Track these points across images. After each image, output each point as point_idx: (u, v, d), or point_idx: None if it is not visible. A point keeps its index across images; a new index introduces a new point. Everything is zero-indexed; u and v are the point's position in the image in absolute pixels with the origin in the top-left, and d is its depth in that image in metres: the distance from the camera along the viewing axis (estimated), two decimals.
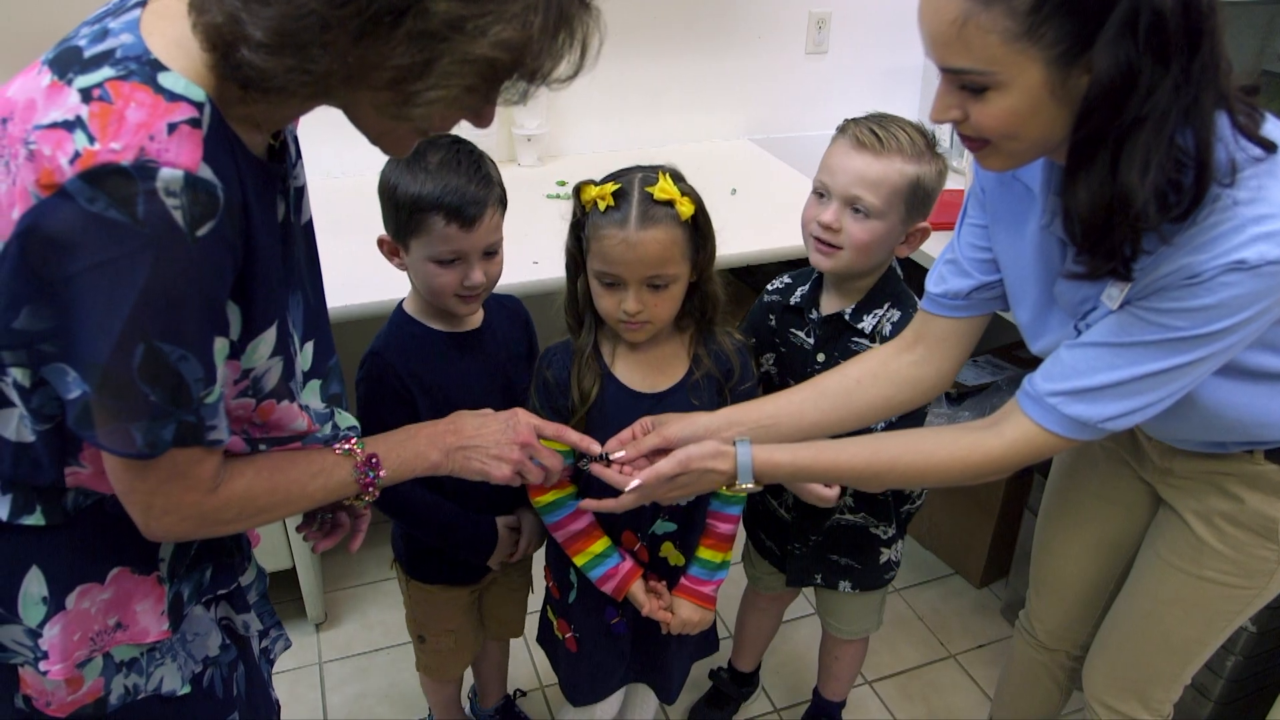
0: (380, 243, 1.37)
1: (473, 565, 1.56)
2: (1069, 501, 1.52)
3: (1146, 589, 1.39)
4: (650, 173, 1.26)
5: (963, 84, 0.96)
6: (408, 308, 1.45)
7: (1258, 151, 0.96)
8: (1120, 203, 0.94)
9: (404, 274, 1.41)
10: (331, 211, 2.13)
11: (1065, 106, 0.94)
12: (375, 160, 1.16)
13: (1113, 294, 1.06)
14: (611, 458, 1.24)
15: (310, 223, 1.07)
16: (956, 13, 0.90)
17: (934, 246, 1.48)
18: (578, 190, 1.28)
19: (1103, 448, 1.43)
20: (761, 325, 1.52)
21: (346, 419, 1.11)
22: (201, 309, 0.83)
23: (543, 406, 1.37)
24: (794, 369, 1.49)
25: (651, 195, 1.23)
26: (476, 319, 1.46)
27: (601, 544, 1.42)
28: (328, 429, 1.07)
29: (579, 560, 1.42)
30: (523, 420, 1.20)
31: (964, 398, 2.28)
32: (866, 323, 1.44)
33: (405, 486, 1.37)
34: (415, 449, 1.12)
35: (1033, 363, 2.48)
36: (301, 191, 1.03)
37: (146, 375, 0.80)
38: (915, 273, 1.50)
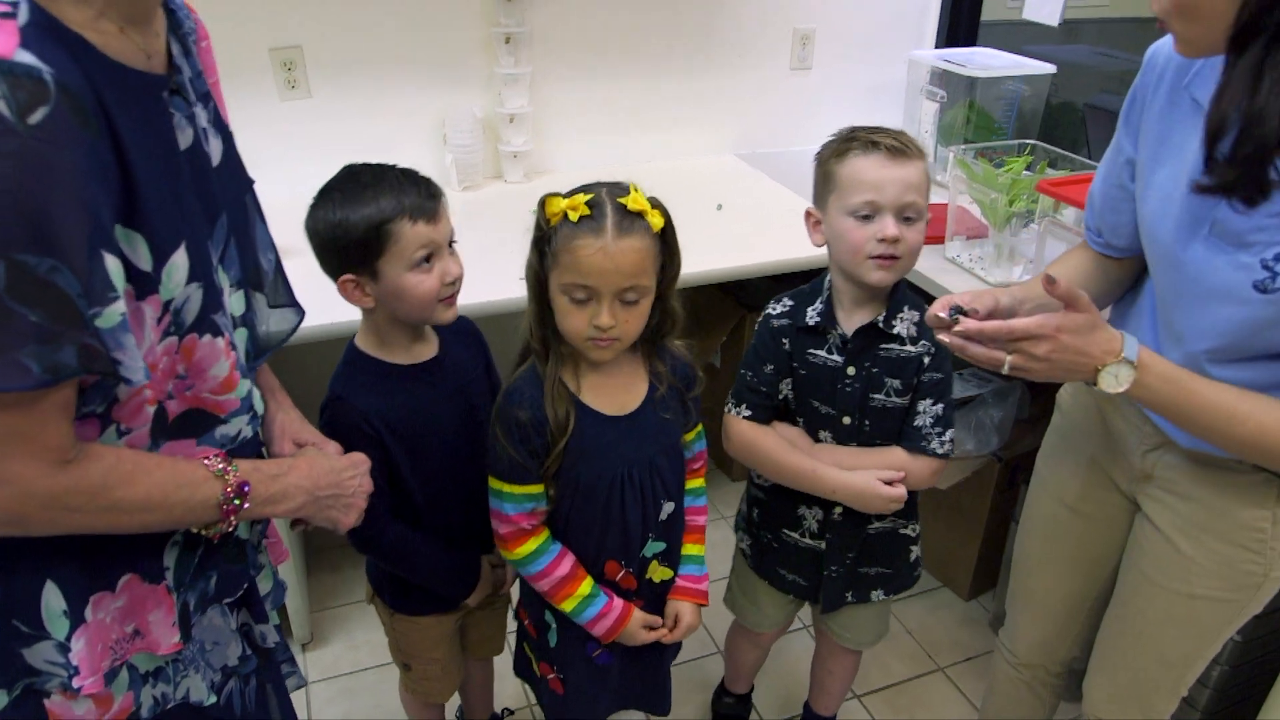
0: (343, 285, 1.31)
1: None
2: (1046, 517, 1.52)
3: (1136, 610, 1.39)
4: (615, 186, 1.25)
5: None
6: (361, 345, 1.40)
7: None
8: (1250, 117, 0.94)
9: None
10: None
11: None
12: None
13: None
14: (966, 309, 1.14)
15: (241, 172, 1.05)
16: None
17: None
18: (542, 203, 1.25)
19: (1082, 455, 1.44)
20: (775, 351, 1.47)
21: (259, 402, 1.07)
22: (66, 212, 0.76)
23: (515, 448, 1.29)
24: (820, 390, 1.47)
25: (625, 206, 1.22)
26: (433, 347, 1.43)
27: (587, 585, 1.38)
28: (247, 390, 1.02)
29: (567, 606, 1.38)
30: (365, 467, 1.20)
31: None
32: (899, 327, 1.44)
33: (387, 525, 1.40)
34: (285, 487, 1.06)
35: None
36: (225, 135, 1.02)
37: (16, 294, 0.74)
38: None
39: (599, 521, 1.36)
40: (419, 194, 1.28)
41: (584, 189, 1.25)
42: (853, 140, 1.38)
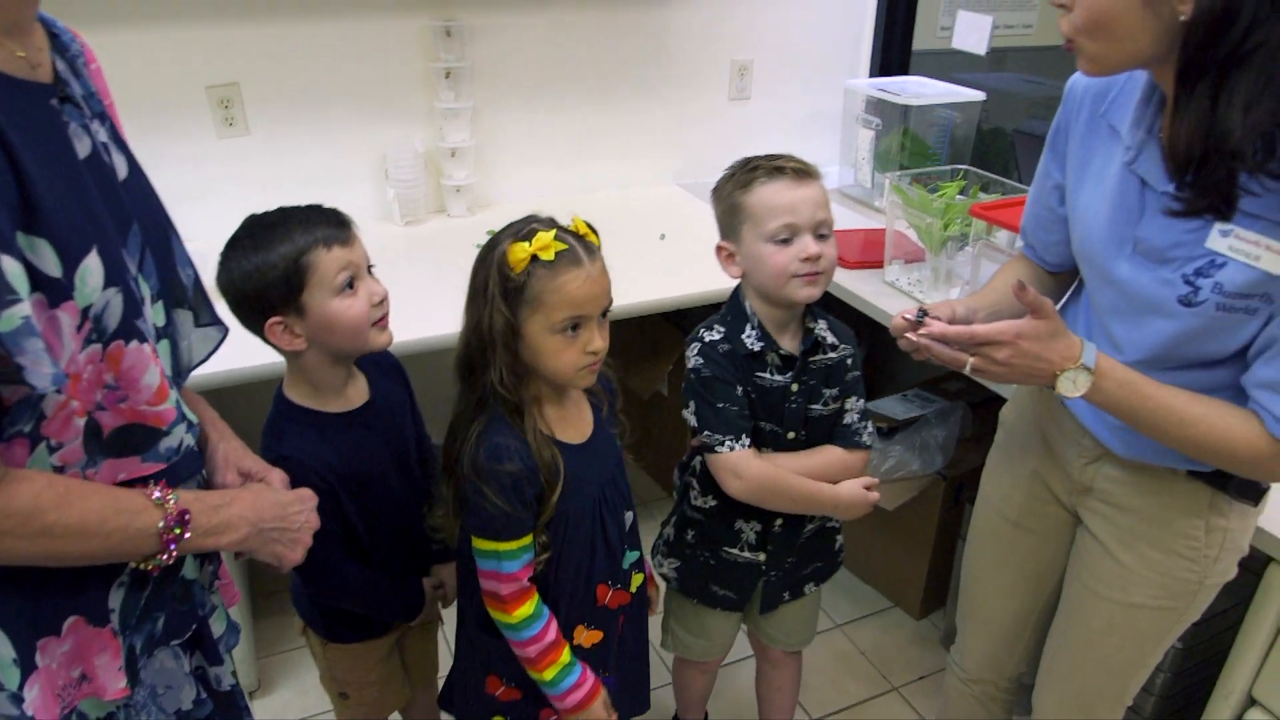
0: (271, 330, 1.29)
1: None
2: (991, 533, 1.56)
3: (1080, 621, 1.42)
4: (550, 221, 1.27)
5: None
6: (293, 396, 1.38)
7: None
8: (1218, 138, 0.98)
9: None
10: None
11: (1154, 19, 1.01)
12: None
13: (1219, 239, 1.07)
14: (930, 315, 1.21)
15: (151, 190, 1.04)
16: None
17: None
18: (504, 256, 1.22)
19: (1024, 470, 1.47)
20: (735, 373, 1.47)
21: (190, 412, 1.05)
22: None
23: (511, 503, 1.26)
24: (770, 410, 1.49)
25: (578, 233, 1.26)
26: (364, 390, 1.43)
27: (567, 653, 1.36)
28: (176, 399, 1.00)
29: (548, 674, 1.35)
30: (311, 503, 1.19)
31: (894, 432, 2.32)
32: (831, 336, 1.50)
33: (329, 556, 1.37)
34: (228, 518, 1.04)
35: (959, 394, 2.53)
36: (129, 155, 1.01)
37: None
38: None
39: (588, 549, 1.37)
40: (328, 223, 1.29)
41: (523, 231, 1.24)
42: (755, 170, 1.41)
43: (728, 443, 1.44)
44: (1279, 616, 1.38)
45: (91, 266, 0.87)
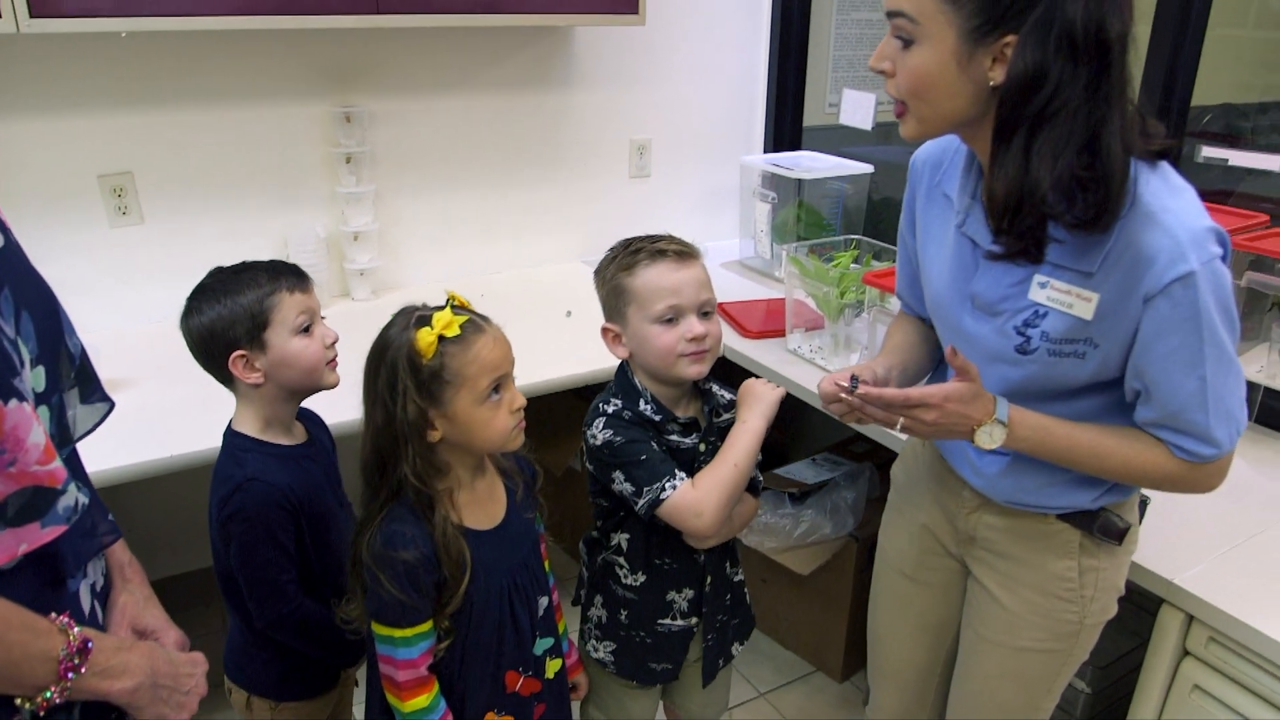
0: (234, 362, 1.40)
1: (334, 669, 1.59)
2: (889, 590, 1.61)
3: (975, 668, 1.47)
4: (419, 311, 1.27)
5: (897, 33, 1.13)
6: (248, 431, 1.45)
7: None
8: (1029, 189, 1.08)
9: (224, 415, 1.45)
10: (155, 356, 2.07)
11: (969, 83, 1.11)
12: None
13: (1038, 290, 1.18)
14: (861, 381, 1.27)
15: (28, 263, 1.01)
16: None
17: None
18: (411, 347, 1.22)
19: (915, 525, 1.52)
20: (644, 435, 1.46)
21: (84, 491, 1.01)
22: None
23: (405, 592, 1.24)
24: (683, 470, 1.47)
25: (465, 307, 1.30)
26: (304, 434, 1.52)
27: None
28: (64, 459, 0.96)
29: None
30: (202, 669, 1.14)
31: (805, 496, 2.36)
32: (729, 394, 1.53)
33: (301, 602, 1.43)
34: (126, 661, 1.00)
35: (866, 455, 2.59)
36: (4, 228, 0.98)
37: None
38: None
39: (495, 636, 1.35)
40: (289, 273, 1.45)
41: (413, 321, 1.25)
42: (637, 253, 1.43)
43: (668, 485, 1.40)
44: (1175, 656, 1.43)
45: None
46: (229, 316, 1.39)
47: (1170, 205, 1.09)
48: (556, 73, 2.72)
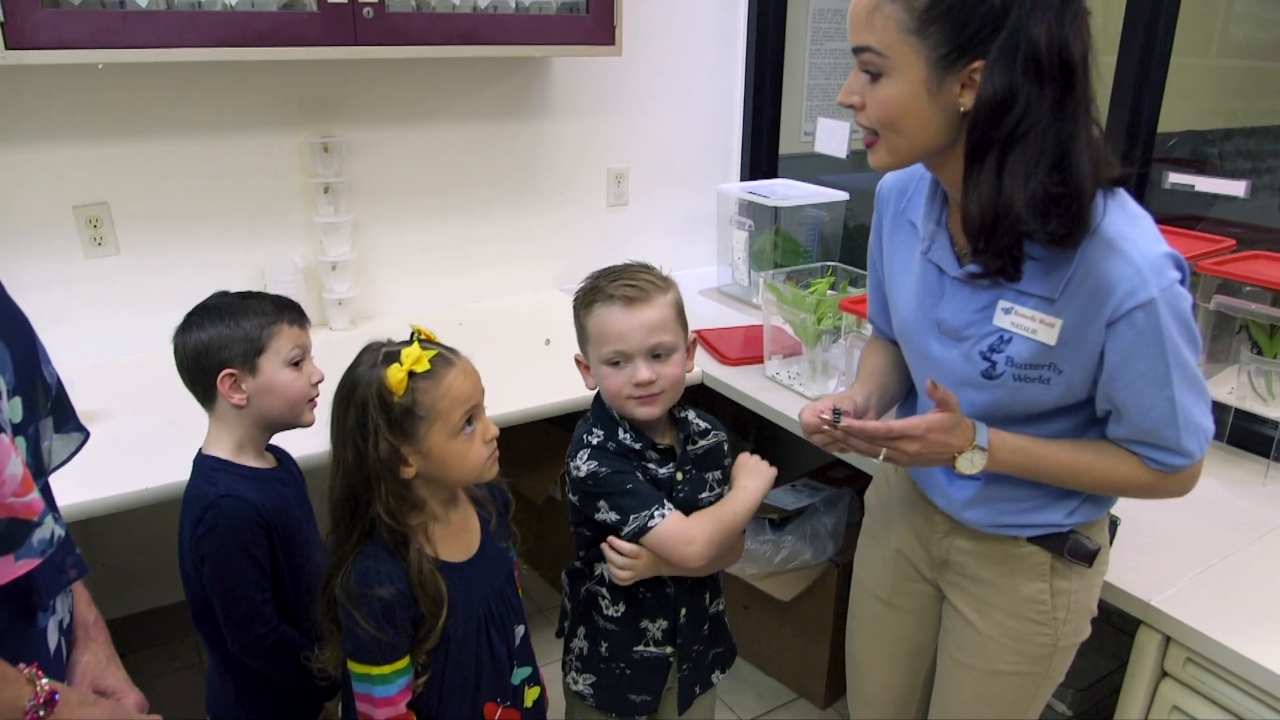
0: (222, 379, 1.42)
1: (315, 704, 1.58)
2: (866, 615, 1.61)
3: (951, 692, 1.47)
4: (386, 348, 1.27)
5: (865, 67, 1.15)
6: (220, 454, 1.45)
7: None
8: (1003, 208, 1.10)
9: (194, 446, 1.45)
10: (131, 387, 2.05)
11: (940, 111, 1.12)
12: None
13: (1002, 316, 1.20)
14: (843, 414, 1.28)
15: (6, 297, 1.01)
16: (871, 1, 1.12)
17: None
18: (381, 385, 1.22)
19: (889, 550, 1.53)
20: (628, 465, 1.46)
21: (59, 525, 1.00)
22: None
23: (382, 629, 1.23)
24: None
25: (431, 340, 1.30)
26: (273, 459, 1.54)
27: None
28: (41, 489, 0.96)
29: None
30: None
31: (786, 522, 2.36)
32: (702, 423, 1.53)
33: (278, 625, 1.43)
34: (90, 717, 1.01)
35: (845, 481, 2.59)
36: None
37: None
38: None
39: (473, 667, 1.34)
40: (291, 309, 1.51)
41: (381, 359, 1.25)
42: (595, 291, 1.43)
43: (657, 513, 1.40)
44: (1154, 677, 1.44)
45: None
46: (228, 336, 1.42)
47: (1128, 233, 1.11)
48: (534, 102, 2.74)
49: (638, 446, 1.46)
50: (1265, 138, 2.77)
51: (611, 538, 1.43)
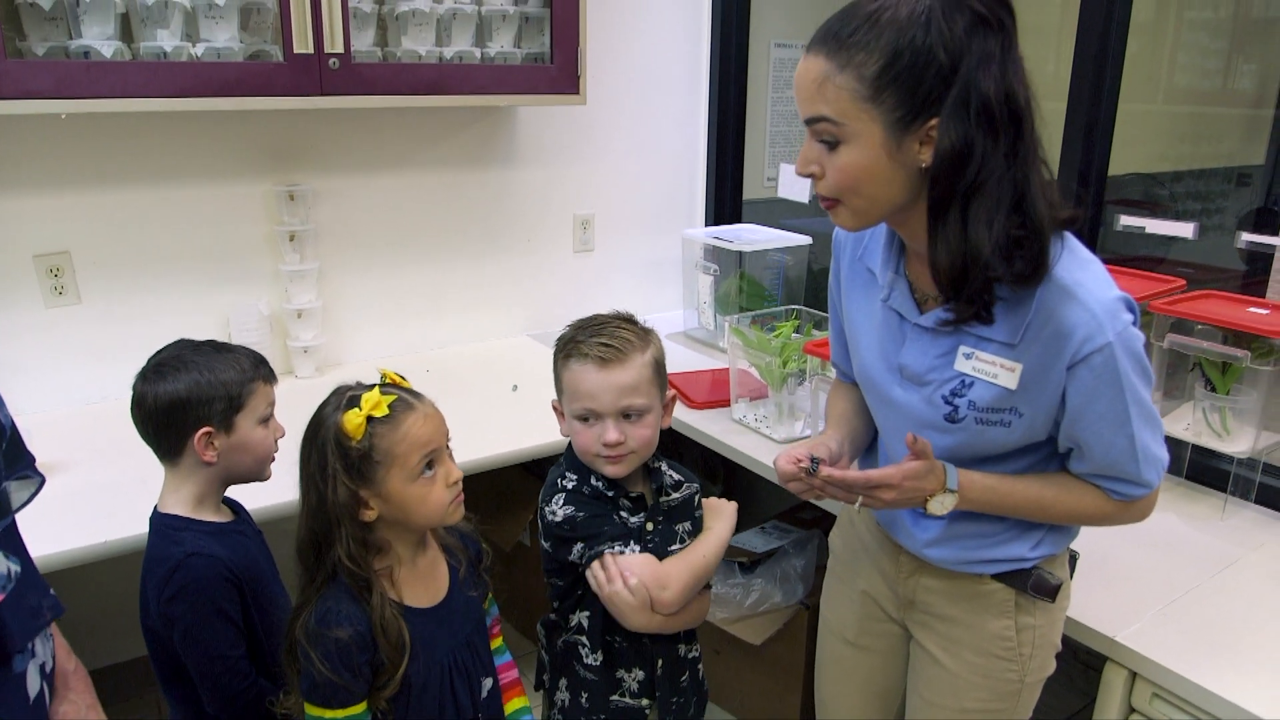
0: (199, 438, 1.39)
1: None
2: (834, 658, 1.61)
3: None
4: (350, 391, 1.28)
5: (821, 137, 1.16)
6: (179, 510, 1.41)
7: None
8: (971, 254, 1.12)
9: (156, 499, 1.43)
10: (91, 439, 2.02)
11: (901, 170, 1.14)
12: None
13: (964, 361, 1.22)
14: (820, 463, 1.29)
15: None
16: (819, 73, 1.13)
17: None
18: (338, 430, 1.23)
19: (855, 591, 1.53)
20: (603, 509, 1.46)
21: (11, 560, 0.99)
22: None
23: (337, 672, 1.22)
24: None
25: (395, 383, 1.30)
26: (229, 511, 1.50)
27: None
28: None
29: None
30: None
31: (755, 565, 2.36)
32: (675, 475, 1.52)
33: (258, 680, 1.40)
34: None
35: (814, 522, 2.59)
36: None
37: None
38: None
39: (436, 717, 1.32)
40: (263, 363, 1.48)
41: (344, 402, 1.25)
42: (573, 345, 1.43)
43: (628, 551, 1.40)
44: (1122, 712, 1.45)
45: None
46: (207, 392, 1.38)
47: (1081, 278, 1.15)
48: (500, 150, 2.76)
49: (610, 494, 1.46)
50: (1213, 179, 2.85)
51: (605, 556, 1.41)
